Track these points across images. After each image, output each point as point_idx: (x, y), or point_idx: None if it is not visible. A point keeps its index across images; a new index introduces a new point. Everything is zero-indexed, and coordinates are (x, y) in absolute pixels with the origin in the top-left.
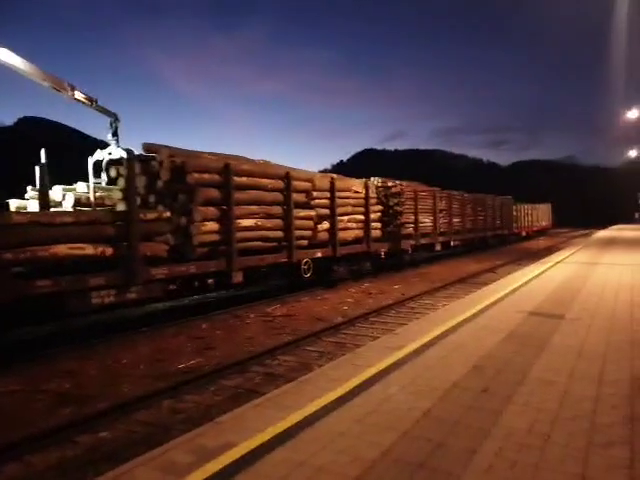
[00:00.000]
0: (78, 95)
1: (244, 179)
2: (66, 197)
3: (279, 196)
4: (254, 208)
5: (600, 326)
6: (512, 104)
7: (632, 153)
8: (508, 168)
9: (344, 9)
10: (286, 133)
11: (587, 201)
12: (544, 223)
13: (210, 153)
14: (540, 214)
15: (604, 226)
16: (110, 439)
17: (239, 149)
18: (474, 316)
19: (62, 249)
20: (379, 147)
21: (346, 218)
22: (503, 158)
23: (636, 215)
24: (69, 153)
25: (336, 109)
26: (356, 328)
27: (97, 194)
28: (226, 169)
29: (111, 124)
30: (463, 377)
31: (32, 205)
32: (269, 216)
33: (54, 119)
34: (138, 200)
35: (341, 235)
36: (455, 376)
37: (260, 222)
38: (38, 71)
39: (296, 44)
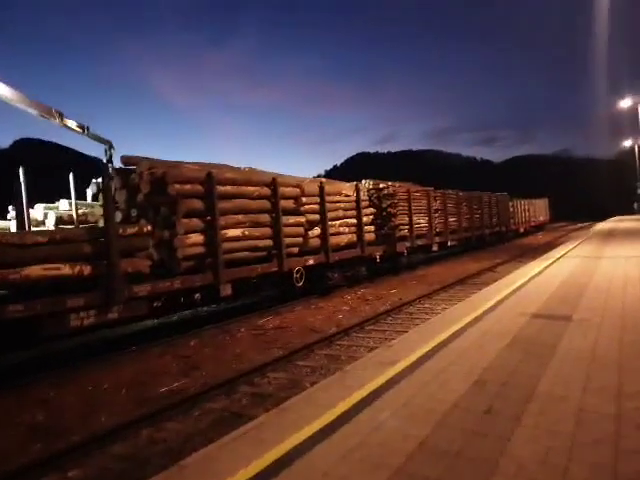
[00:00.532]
0: (68, 123)
1: (228, 188)
2: (48, 216)
3: (266, 203)
4: (240, 217)
5: (611, 326)
6: (503, 101)
7: (627, 143)
8: (502, 165)
9: (330, 15)
10: (279, 142)
11: (584, 194)
12: (541, 218)
13: (192, 163)
14: (537, 209)
15: (602, 218)
16: (79, 479)
17: (233, 160)
18: (475, 320)
19: (36, 270)
20: (372, 150)
21: (338, 223)
22: (497, 155)
23: (635, 206)
24: (68, 174)
25: (327, 115)
26: (351, 338)
27: (80, 211)
28: (208, 178)
29: (106, 151)
30: (464, 395)
31: (14, 225)
32: (257, 225)
33: (54, 140)
34: (119, 215)
35: (333, 240)
36: (454, 394)
37: (247, 231)
38: (24, 98)
39: (284, 53)
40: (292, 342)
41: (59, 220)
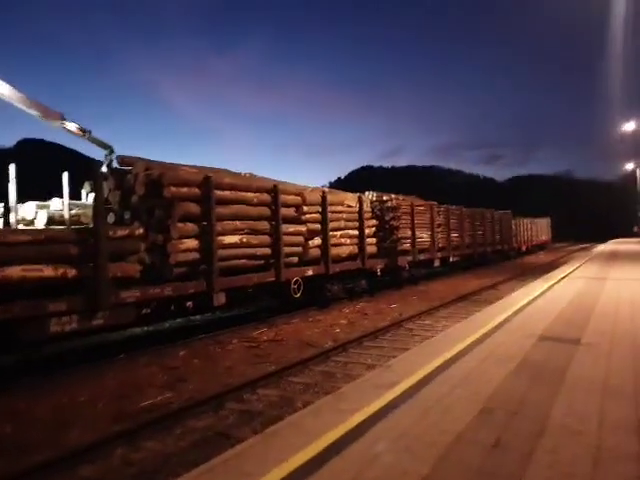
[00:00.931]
0: (69, 125)
1: (226, 193)
2: (38, 214)
3: (266, 211)
4: (238, 224)
5: (622, 353)
6: (508, 120)
7: (629, 166)
8: (505, 183)
9: (339, 26)
10: (283, 151)
11: (585, 215)
12: (543, 237)
13: (190, 166)
14: (539, 228)
15: (603, 240)
16: None
17: (236, 167)
18: (478, 341)
19: (15, 271)
20: (376, 164)
21: (339, 233)
22: (500, 174)
23: (635, 229)
24: (74, 175)
25: (333, 126)
26: (348, 354)
27: (73, 212)
28: (206, 182)
29: (106, 156)
30: (469, 425)
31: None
32: (255, 232)
33: (56, 141)
34: (112, 216)
35: (334, 251)
36: (459, 424)
37: (245, 239)
38: (25, 99)
39: (291, 62)
40: (286, 356)
41: (50, 220)
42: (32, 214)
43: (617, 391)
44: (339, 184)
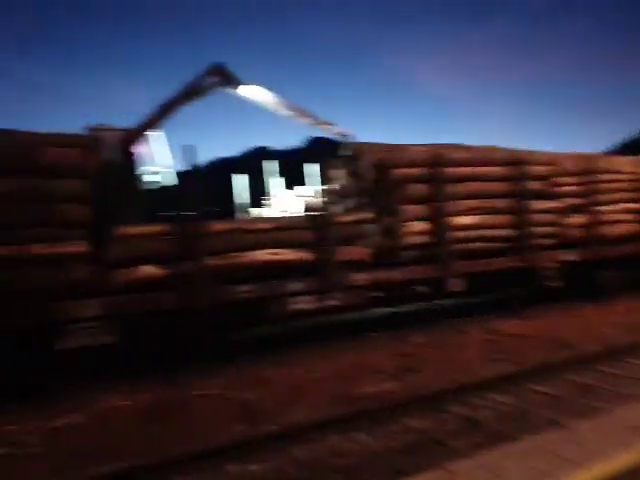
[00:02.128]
0: (318, 122)
1: (459, 169)
2: (295, 202)
3: (508, 186)
4: (474, 203)
5: None
6: None
7: None
8: None
9: None
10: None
11: None
12: None
13: (419, 145)
14: None
15: None
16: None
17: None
18: None
19: (261, 255)
20: None
21: (611, 208)
22: None
23: None
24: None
25: (614, 82)
26: (619, 364)
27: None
28: (436, 160)
29: (340, 145)
30: None
31: (265, 212)
32: (495, 211)
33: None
34: (342, 201)
35: (604, 231)
36: None
37: (483, 219)
38: (286, 104)
39: (552, 18)
40: (532, 356)
41: (309, 207)
42: (294, 202)
43: None
44: (623, 150)
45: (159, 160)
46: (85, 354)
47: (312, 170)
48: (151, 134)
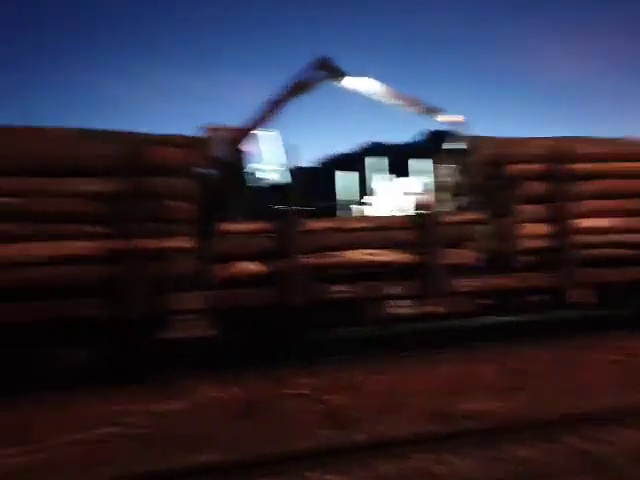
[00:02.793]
0: (427, 109)
1: (586, 165)
2: (404, 201)
3: None
4: (603, 203)
5: None
6: None
7: None
8: None
9: None
10: None
11: None
12: None
13: (540, 138)
14: None
15: None
16: None
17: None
18: None
19: (356, 254)
20: None
21: None
22: None
23: None
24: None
25: None
26: None
27: (434, 196)
28: (558, 155)
29: (448, 140)
30: None
31: (368, 209)
32: (629, 214)
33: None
34: (454, 200)
35: None
36: None
37: (615, 221)
38: (394, 92)
39: None
40: None
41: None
42: (399, 200)
43: None
44: None
45: (271, 158)
46: (185, 346)
47: (422, 166)
48: (263, 133)
